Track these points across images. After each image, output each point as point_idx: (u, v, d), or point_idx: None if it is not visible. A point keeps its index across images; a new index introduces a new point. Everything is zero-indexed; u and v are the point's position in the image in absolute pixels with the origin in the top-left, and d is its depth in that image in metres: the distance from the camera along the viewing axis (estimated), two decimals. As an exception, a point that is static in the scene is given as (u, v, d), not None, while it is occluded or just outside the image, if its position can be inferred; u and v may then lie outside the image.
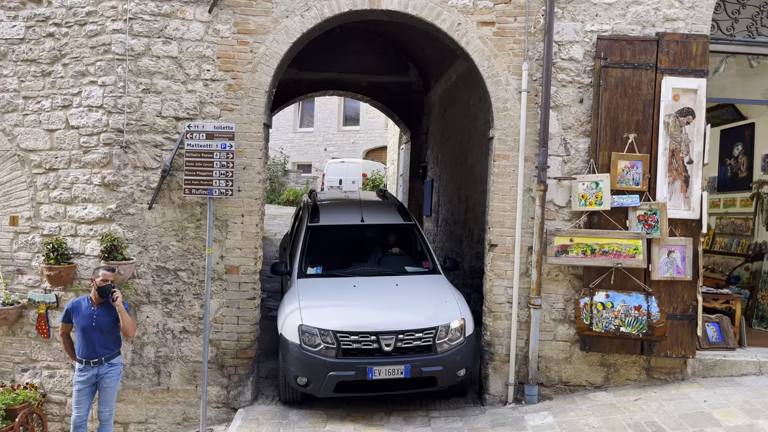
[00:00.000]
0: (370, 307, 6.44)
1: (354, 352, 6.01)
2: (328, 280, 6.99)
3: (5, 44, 6.89)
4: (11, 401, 6.35)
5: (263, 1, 6.55)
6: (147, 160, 6.58)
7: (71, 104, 6.69)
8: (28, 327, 6.75)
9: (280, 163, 26.81)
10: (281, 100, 14.26)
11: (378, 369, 5.91)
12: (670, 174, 6.42)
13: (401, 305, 6.48)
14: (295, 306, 6.40)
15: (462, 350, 6.25)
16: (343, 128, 29.23)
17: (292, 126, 30.28)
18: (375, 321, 6.15)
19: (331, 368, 5.92)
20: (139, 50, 6.57)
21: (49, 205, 6.75)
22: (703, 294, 7.01)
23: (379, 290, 6.76)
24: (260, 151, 6.62)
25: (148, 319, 6.60)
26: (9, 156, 6.90)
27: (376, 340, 6.00)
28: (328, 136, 29.51)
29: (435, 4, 6.54)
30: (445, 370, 6.10)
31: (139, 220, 6.59)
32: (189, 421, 6.59)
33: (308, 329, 6.08)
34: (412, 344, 6.08)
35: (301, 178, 26.69)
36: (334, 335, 5.99)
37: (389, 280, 6.95)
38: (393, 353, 6.02)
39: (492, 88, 6.58)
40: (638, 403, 6.05)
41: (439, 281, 7.07)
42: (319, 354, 5.99)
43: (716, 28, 6.76)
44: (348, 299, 6.55)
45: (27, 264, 6.80)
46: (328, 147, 29.39)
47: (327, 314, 6.25)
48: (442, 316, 6.26)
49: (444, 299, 6.55)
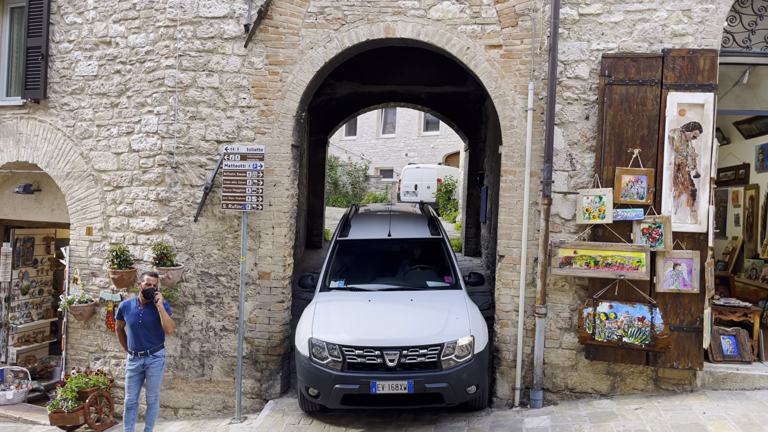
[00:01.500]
0: (379, 322, 6.46)
1: (359, 366, 6.08)
2: (347, 293, 7.09)
3: (83, 80, 8.11)
4: (83, 384, 7.51)
5: (291, 34, 7.30)
6: (193, 179, 7.53)
7: (133, 131, 7.77)
8: (99, 322, 7.90)
9: (361, 169, 27.78)
10: (346, 113, 15.13)
11: (381, 384, 5.95)
12: (676, 188, 6.51)
13: (410, 321, 6.46)
14: (309, 319, 6.56)
15: (470, 367, 6.16)
16: (424, 133, 29.78)
17: (375, 133, 31.23)
18: (380, 336, 6.18)
19: (337, 381, 6.03)
20: (187, 82, 7.53)
21: (116, 217, 7.87)
22: (720, 307, 7.03)
23: (391, 305, 6.77)
24: (289, 169, 7.38)
25: (193, 318, 7.54)
26: (86, 176, 8.10)
27: (380, 355, 6.04)
28: (409, 142, 30.18)
29: (445, 31, 7.01)
30: (451, 387, 6.04)
31: (187, 231, 7.54)
32: (228, 409, 7.46)
33: (317, 342, 6.22)
34: (417, 360, 6.07)
35: (381, 184, 27.53)
36: (339, 349, 6.09)
37: (405, 295, 6.94)
38: (397, 368, 6.04)
39: (500, 107, 6.95)
40: (637, 412, 6.21)
41: (457, 297, 6.94)
42: (326, 367, 6.11)
43: (731, 40, 6.76)
44: (359, 314, 6.64)
45: (99, 268, 7.96)
46: (409, 152, 30.05)
47: (336, 328, 6.35)
48: (449, 333, 6.20)
49: (456, 315, 6.47)
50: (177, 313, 7.49)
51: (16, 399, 8.74)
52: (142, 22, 7.74)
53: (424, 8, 7.04)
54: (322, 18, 7.22)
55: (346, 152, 30.73)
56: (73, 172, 8.17)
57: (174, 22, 7.52)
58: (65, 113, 8.21)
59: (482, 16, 6.95)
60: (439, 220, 8.58)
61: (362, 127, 31.62)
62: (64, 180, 8.24)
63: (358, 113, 15.45)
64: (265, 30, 7.33)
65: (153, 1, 7.66)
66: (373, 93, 14.43)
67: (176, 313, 7.48)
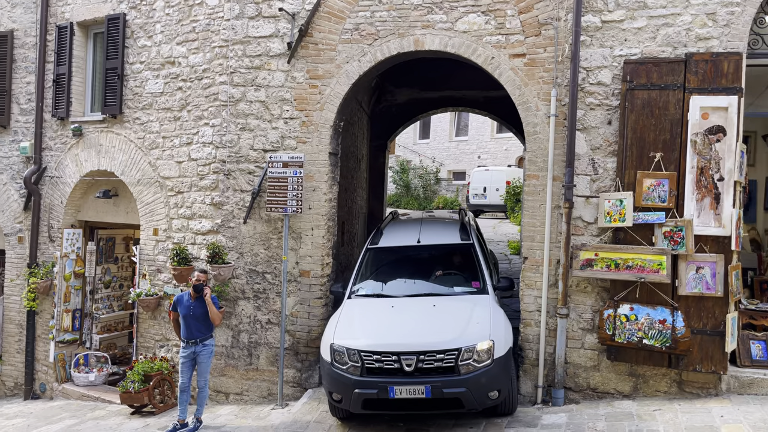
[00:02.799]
0: (397, 327, 6.53)
1: (377, 371, 6.12)
2: (372, 300, 7.13)
3: (151, 97, 9.06)
4: (149, 369, 8.40)
5: (329, 50, 7.87)
6: (243, 184, 8.26)
7: (192, 141, 8.61)
8: (164, 313, 8.79)
9: (433, 172, 28.15)
10: (406, 119, 15.61)
11: (399, 388, 5.98)
12: (699, 191, 6.52)
13: (429, 326, 6.45)
14: (333, 326, 6.69)
15: (489, 372, 6.07)
16: (497, 136, 29.73)
17: (448, 135, 31.52)
18: (397, 341, 6.22)
19: (356, 386, 6.08)
20: (238, 97, 8.27)
21: (178, 220, 8.74)
22: (751, 311, 6.94)
23: (413, 311, 6.79)
24: (326, 175, 7.95)
25: (242, 311, 8.26)
26: (153, 182, 9.04)
27: (398, 359, 6.06)
28: (482, 144, 30.24)
29: (470, 42, 7.34)
30: (470, 392, 5.99)
31: (237, 232, 8.28)
32: (272, 396, 8.12)
33: (338, 348, 6.30)
34: (434, 365, 6.04)
35: (452, 186, 27.79)
36: (358, 354, 6.16)
37: (428, 301, 6.90)
38: (415, 373, 6.04)
39: (523, 113, 7.20)
40: (654, 413, 6.29)
41: (482, 302, 6.85)
42: (346, 372, 6.19)
43: (761, 42, 6.67)
44: (380, 319, 6.70)
45: (163, 265, 8.86)
46: (481, 155, 30.12)
47: (356, 333, 6.43)
48: (467, 338, 6.14)
49: (476, 320, 6.41)
50: (228, 307, 8.24)
51: (98, 381, 9.83)
52: (200, 44, 8.57)
53: (451, 21, 7.41)
54: (357, 34, 7.74)
55: (419, 155, 31.21)
56: (143, 179, 9.13)
57: (227, 42, 8.28)
58: (137, 126, 9.20)
59: (506, 27, 7.23)
60: (472, 226, 8.45)
61: (435, 130, 31.99)
62: (135, 186, 9.23)
63: (417, 118, 15.89)
64: (306, 47, 7.94)
65: (209, 24, 8.47)
66: (432, 98, 14.80)
67: (227, 307, 8.23)
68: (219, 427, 7.39)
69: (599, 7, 6.88)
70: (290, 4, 7.99)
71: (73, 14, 9.89)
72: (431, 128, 31.90)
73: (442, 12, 7.42)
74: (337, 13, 7.81)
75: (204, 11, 8.50)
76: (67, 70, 9.94)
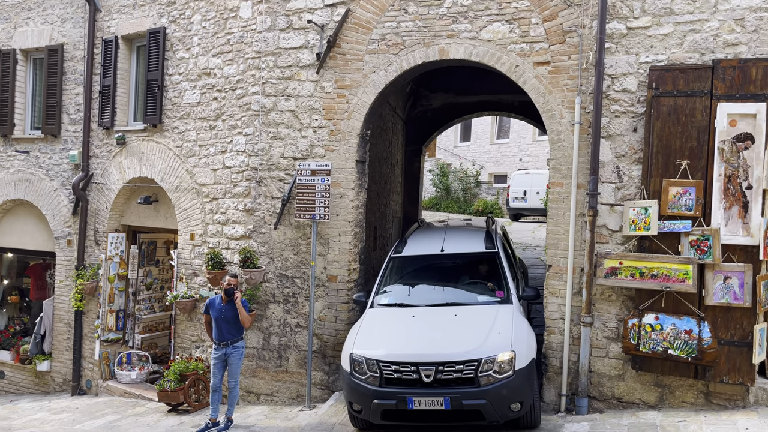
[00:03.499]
0: (417, 337, 6.45)
1: (396, 382, 6.07)
2: (394, 310, 7.06)
3: (188, 107, 9.42)
4: (185, 369, 8.73)
5: (356, 60, 8.04)
6: (273, 192, 8.51)
7: (226, 150, 8.92)
8: (199, 315, 9.12)
9: (473, 175, 28.05)
10: (441, 123, 15.68)
11: (417, 399, 5.92)
12: (727, 200, 6.41)
13: (449, 336, 6.36)
14: (353, 336, 6.67)
15: (510, 384, 5.94)
16: (538, 138, 29.38)
17: (489, 138, 31.35)
18: (416, 351, 6.14)
19: (375, 396, 6.05)
20: (269, 107, 8.53)
21: (213, 225, 9.06)
22: (783, 322, 6.75)
23: (434, 321, 6.70)
24: (354, 182, 8.12)
25: (273, 315, 8.51)
26: (190, 189, 9.40)
27: (416, 370, 6.00)
28: (524, 147, 29.95)
29: (495, 50, 7.39)
30: (490, 404, 5.89)
31: (268, 238, 8.54)
32: (301, 397, 8.34)
33: (357, 358, 6.29)
34: (453, 376, 5.96)
35: (492, 189, 27.62)
36: (377, 364, 6.13)
37: (450, 311, 6.81)
38: (434, 384, 5.97)
39: (547, 121, 7.21)
40: (678, 425, 6.21)
41: (505, 312, 6.68)
42: (365, 382, 6.17)
43: (793, 46, 6.50)
44: (400, 329, 6.65)
45: (199, 268, 9.21)
46: (523, 157, 29.84)
47: (375, 343, 6.40)
48: (488, 348, 6.04)
49: (498, 330, 6.28)
50: (259, 310, 8.51)
51: (139, 379, 10.26)
52: (234, 55, 8.88)
53: (476, 30, 7.48)
54: (383, 44, 7.89)
55: (459, 158, 31.14)
56: (181, 186, 9.50)
57: (259, 54, 8.56)
58: (175, 135, 9.58)
59: (530, 35, 7.25)
60: (498, 234, 8.20)
61: (476, 133, 31.85)
62: (174, 192, 9.61)
63: (452, 123, 15.92)
64: (334, 57, 8.14)
65: (243, 36, 8.76)
66: (467, 103, 14.83)
67: (258, 310, 8.49)
68: (249, 426, 7.64)
69: (624, 13, 6.83)
70: (319, 16, 8.20)
71: (118, 28, 10.37)
72: (472, 131, 31.79)
73: (467, 21, 7.50)
74: (364, 24, 7.98)
75: (238, 24, 8.80)
76: (112, 81, 10.42)
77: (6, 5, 11.68)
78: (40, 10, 11.33)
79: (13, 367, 11.62)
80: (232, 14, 8.90)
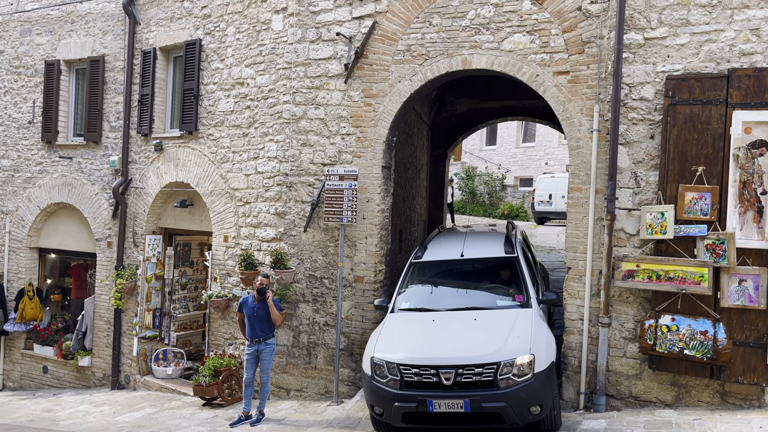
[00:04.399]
0: (437, 340, 6.55)
1: (416, 385, 6.17)
2: (414, 314, 7.17)
3: (223, 115, 9.88)
4: (218, 365, 9.17)
5: (382, 71, 8.40)
6: (303, 196, 8.91)
7: (258, 156, 9.35)
8: (232, 314, 9.56)
9: (498, 179, 28.22)
10: (466, 128, 15.96)
11: (438, 402, 6.02)
12: (742, 204, 6.59)
13: (468, 339, 6.44)
14: (374, 340, 6.80)
15: (530, 387, 6.00)
16: (564, 142, 29.37)
17: (514, 142, 31.47)
18: (436, 354, 6.23)
19: (396, 399, 6.16)
20: (299, 115, 8.93)
21: (245, 228, 9.50)
22: (799, 325, 6.90)
23: (453, 325, 6.80)
24: (380, 187, 8.47)
25: (302, 314, 8.90)
26: (224, 193, 9.85)
27: (436, 373, 6.09)
28: (549, 150, 30.02)
29: (516, 60, 7.68)
30: (510, 407, 5.96)
31: (298, 240, 8.93)
32: (329, 393, 8.70)
33: (378, 361, 6.40)
34: (473, 379, 6.04)
35: (518, 193, 27.76)
36: (397, 367, 6.23)
37: (470, 315, 6.90)
38: (454, 387, 6.05)
39: (567, 129, 7.46)
40: (693, 423, 6.41)
41: (524, 315, 6.75)
42: (386, 385, 6.28)
43: (808, 55, 6.66)
44: (420, 333, 6.76)
45: (232, 269, 9.64)
46: (549, 161, 29.90)
47: (395, 347, 6.51)
48: (507, 351, 6.10)
49: (517, 334, 6.35)
50: (289, 309, 8.90)
51: (174, 374, 10.75)
52: (266, 66, 9.30)
53: (498, 41, 7.77)
54: (409, 55, 8.23)
55: (485, 161, 31.31)
56: (215, 190, 9.96)
57: (290, 65, 8.97)
58: (210, 142, 10.05)
59: (550, 45, 7.52)
60: (518, 239, 8.30)
61: (502, 137, 32.01)
62: (208, 196, 10.07)
63: (477, 128, 16.20)
64: (361, 68, 8.50)
65: (274, 47, 9.19)
66: (491, 108, 15.08)
67: (288, 309, 8.89)
68: (279, 420, 8.03)
69: (642, 24, 7.06)
70: (347, 29, 8.58)
71: (156, 40, 10.89)
72: (498, 134, 31.95)
73: (489, 32, 7.80)
74: (390, 35, 8.33)
75: (270, 36, 9.23)
76: (150, 90, 10.94)
77: (50, 18, 12.32)
78: (83, 23, 11.93)
79: (56, 363, 12.22)
80: (264, 27, 9.33)
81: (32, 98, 12.54)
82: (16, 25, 12.75)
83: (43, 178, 12.41)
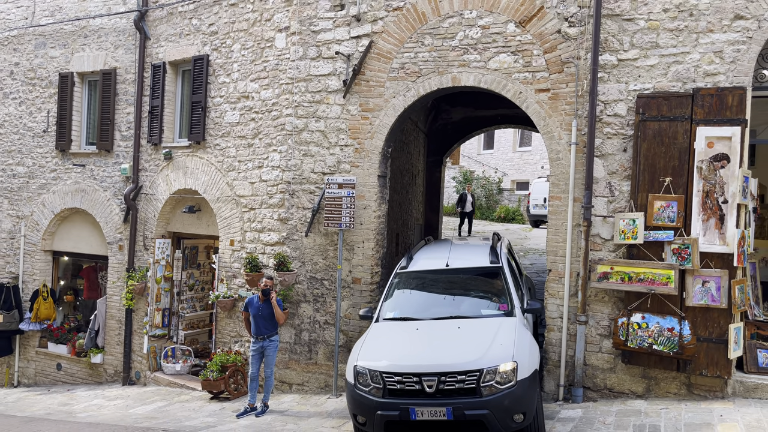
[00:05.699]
0: (419, 348, 6.57)
1: (399, 393, 6.14)
2: (398, 323, 7.20)
3: (229, 126, 10.52)
4: (225, 360, 9.79)
5: (378, 87, 9.03)
6: (305, 203, 9.54)
7: (262, 165, 9.98)
8: (238, 313, 10.19)
9: (495, 182, 28.84)
10: (461, 136, 16.61)
11: (420, 410, 5.99)
12: (705, 212, 7.22)
13: (450, 347, 6.43)
14: (357, 348, 6.81)
15: (512, 394, 5.98)
16: (560, 146, 30.05)
17: (511, 146, 32.10)
18: (418, 362, 6.23)
19: (378, 408, 6.13)
20: (301, 127, 9.57)
21: (250, 232, 10.13)
22: (759, 322, 7.54)
23: (437, 333, 6.83)
24: (376, 195, 9.10)
25: (304, 313, 9.52)
26: (230, 200, 10.49)
27: (419, 381, 6.07)
28: (545, 155, 30.53)
29: (501, 78, 8.31)
30: (493, 414, 5.93)
31: (300, 244, 9.56)
32: (328, 387, 9.32)
33: (361, 369, 6.38)
34: (455, 386, 6.02)
35: (514, 196, 28.38)
36: (380, 375, 6.21)
37: (454, 323, 6.91)
38: (436, 395, 6.04)
39: (547, 142, 8.09)
40: (661, 412, 7.03)
41: (507, 324, 6.78)
42: (369, 394, 6.25)
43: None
44: (403, 341, 6.80)
45: (238, 271, 10.27)
46: (545, 165, 30.50)
47: (378, 355, 6.51)
48: (489, 359, 6.10)
49: (500, 342, 6.36)
50: (291, 309, 9.53)
51: (183, 371, 11.37)
52: (270, 81, 9.94)
53: (485, 60, 8.40)
54: (402, 72, 8.86)
55: (483, 165, 31.93)
56: (222, 197, 10.60)
57: (292, 80, 9.60)
58: (216, 151, 10.68)
59: (533, 65, 8.15)
60: (503, 249, 8.40)
61: (499, 141, 32.64)
62: (215, 203, 10.71)
63: (471, 135, 16.86)
64: (359, 84, 9.14)
65: (278, 63, 9.83)
66: (485, 116, 15.73)
67: (291, 309, 9.51)
68: (283, 411, 8.65)
69: (615, 47, 7.69)
70: (345, 47, 9.21)
71: (166, 55, 11.53)
72: (495, 139, 32.58)
73: (476, 52, 8.43)
74: (385, 54, 8.96)
75: (273, 53, 9.87)
76: (160, 102, 11.58)
77: (64, 33, 12.97)
78: (95, 38, 12.57)
79: (69, 360, 12.85)
80: (268, 44, 9.97)
81: (46, 108, 13.18)
82: (30, 39, 13.39)
83: (56, 185, 13.05)
